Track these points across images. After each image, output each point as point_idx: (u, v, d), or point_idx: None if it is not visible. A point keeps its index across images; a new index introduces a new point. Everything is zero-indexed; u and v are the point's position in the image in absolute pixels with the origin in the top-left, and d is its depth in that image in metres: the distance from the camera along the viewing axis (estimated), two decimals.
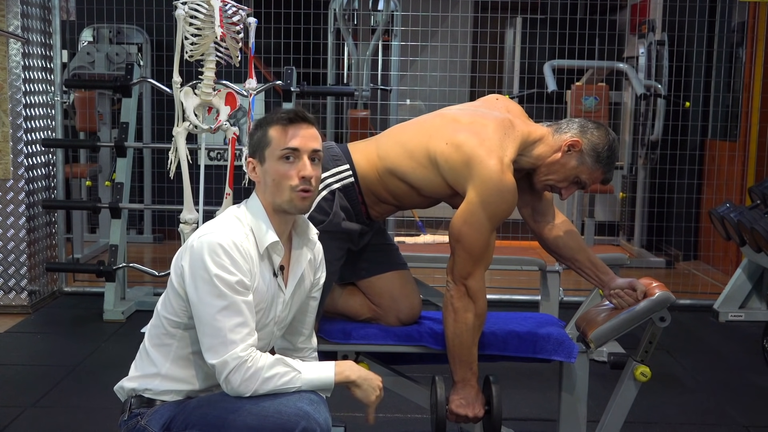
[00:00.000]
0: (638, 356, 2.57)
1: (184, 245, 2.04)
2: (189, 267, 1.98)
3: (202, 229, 2.05)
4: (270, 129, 2.05)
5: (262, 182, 2.07)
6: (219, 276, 1.95)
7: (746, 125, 5.90)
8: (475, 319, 2.43)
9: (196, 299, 1.97)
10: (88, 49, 6.31)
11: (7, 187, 4.75)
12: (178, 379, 2.07)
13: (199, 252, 1.97)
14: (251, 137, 2.09)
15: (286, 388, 1.98)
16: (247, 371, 1.94)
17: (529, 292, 5.28)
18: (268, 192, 2.06)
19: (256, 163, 2.08)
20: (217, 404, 2.01)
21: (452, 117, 2.51)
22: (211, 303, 1.95)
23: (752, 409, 3.66)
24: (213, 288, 1.95)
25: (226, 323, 1.95)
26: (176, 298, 2.04)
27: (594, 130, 2.50)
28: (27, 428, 3.29)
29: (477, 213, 2.37)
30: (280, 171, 2.04)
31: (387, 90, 6.08)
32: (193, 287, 1.97)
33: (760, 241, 4.33)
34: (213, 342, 1.96)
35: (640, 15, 7.26)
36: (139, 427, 2.03)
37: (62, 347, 4.32)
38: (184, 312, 2.03)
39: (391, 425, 3.32)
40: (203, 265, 1.96)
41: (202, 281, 1.96)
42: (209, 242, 1.97)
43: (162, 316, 2.08)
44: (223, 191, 4.01)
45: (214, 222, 2.06)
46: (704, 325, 4.86)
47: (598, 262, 2.67)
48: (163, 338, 2.07)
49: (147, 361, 2.10)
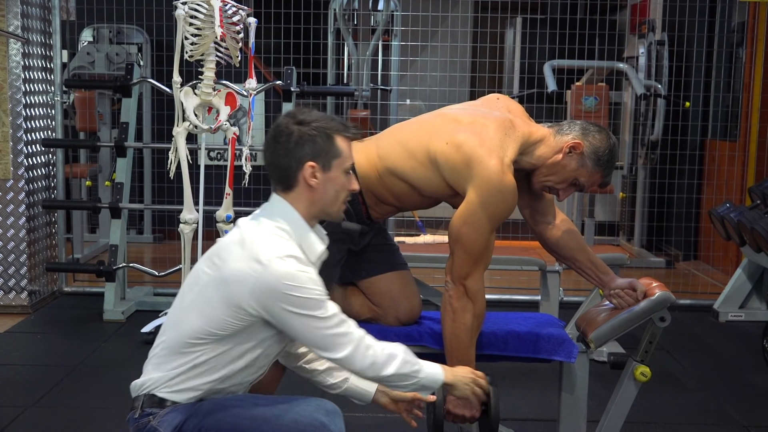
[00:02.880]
0: (638, 356, 2.57)
1: (235, 268, 1.94)
2: (269, 301, 1.92)
3: (256, 251, 1.94)
4: (337, 139, 2.03)
5: (321, 189, 2.02)
6: (306, 299, 1.93)
7: (746, 125, 5.90)
8: (473, 319, 2.43)
9: (293, 328, 1.96)
10: (88, 49, 6.31)
11: (7, 187, 4.76)
12: (195, 384, 2.02)
13: (275, 285, 1.91)
14: (312, 141, 2.00)
15: (412, 371, 2.04)
16: (366, 351, 1.99)
17: (529, 292, 5.28)
18: (322, 200, 2.04)
19: (318, 169, 2.01)
20: (231, 410, 1.99)
21: (453, 117, 2.51)
22: (311, 324, 1.95)
23: (752, 409, 3.66)
24: (308, 311, 1.93)
25: (332, 329, 1.96)
26: (233, 317, 1.96)
27: (596, 133, 2.51)
28: (27, 428, 3.29)
29: (477, 213, 2.37)
30: (343, 183, 2.05)
31: (387, 90, 6.09)
32: (285, 319, 1.95)
33: (760, 241, 4.33)
34: (325, 343, 1.97)
35: (640, 15, 7.25)
36: (150, 428, 2.00)
37: (62, 347, 4.32)
38: (232, 327, 1.97)
39: (391, 425, 3.32)
40: (287, 297, 1.91)
41: (295, 314, 1.93)
42: (281, 273, 1.91)
43: (198, 324, 1.99)
44: (223, 191, 4.02)
45: (265, 243, 1.96)
46: (704, 325, 4.86)
47: (598, 262, 2.67)
48: (190, 343, 2.00)
49: (165, 361, 2.03)
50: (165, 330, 2.08)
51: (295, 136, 2.00)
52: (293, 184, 2.02)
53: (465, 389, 2.17)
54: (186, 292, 2.06)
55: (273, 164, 2.04)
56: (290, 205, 2.03)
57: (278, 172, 2.03)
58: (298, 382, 2.38)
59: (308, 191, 2.02)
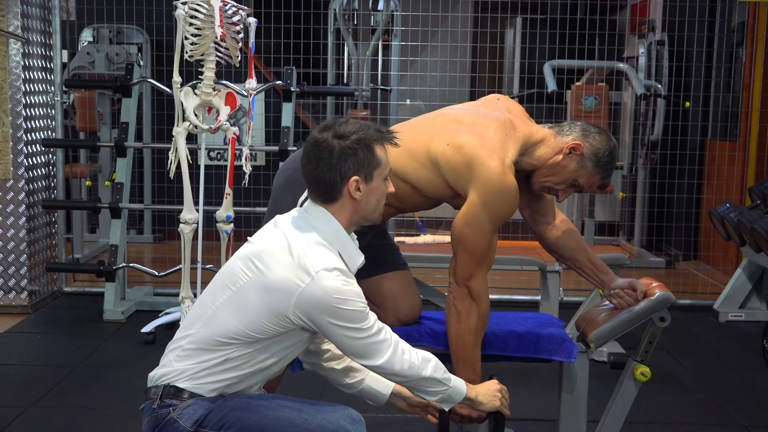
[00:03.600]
0: (638, 356, 2.57)
1: (282, 276, 1.96)
2: (315, 313, 1.95)
3: (304, 262, 1.96)
4: (376, 148, 2.04)
5: (364, 201, 2.04)
6: (351, 311, 1.96)
7: (746, 125, 5.90)
8: (478, 320, 2.43)
9: (334, 337, 2.00)
10: (88, 49, 6.31)
11: (7, 187, 4.76)
12: (220, 378, 2.02)
13: (323, 299, 1.94)
14: (354, 155, 2.00)
15: (444, 378, 2.13)
16: (402, 356, 2.04)
17: (529, 292, 5.28)
18: (365, 210, 2.06)
19: (362, 182, 2.03)
20: (256, 409, 2.00)
21: (453, 117, 2.51)
22: (353, 335, 1.98)
23: (752, 409, 3.66)
24: (351, 323, 1.97)
25: (372, 338, 2.00)
26: (274, 323, 1.98)
27: (596, 134, 2.51)
28: (27, 428, 3.29)
29: (478, 215, 2.37)
30: (383, 190, 2.08)
31: (387, 90, 6.09)
32: (327, 330, 1.98)
33: (760, 241, 4.33)
34: (364, 351, 2.02)
35: (640, 15, 7.25)
36: (169, 419, 1.99)
37: (62, 347, 4.32)
38: (270, 332, 1.99)
39: (391, 425, 3.32)
40: (334, 310, 1.95)
41: (338, 326, 1.96)
42: (329, 287, 1.94)
43: (234, 326, 1.99)
44: (223, 191, 4.02)
45: (313, 254, 1.97)
46: (704, 325, 4.86)
47: (598, 262, 2.67)
48: (222, 342, 2.00)
49: (192, 355, 2.02)
50: (193, 322, 2.06)
51: (336, 151, 2.00)
52: (336, 198, 2.04)
53: (493, 401, 2.27)
54: (220, 288, 2.05)
55: (316, 180, 2.04)
56: (332, 216, 2.05)
57: (321, 187, 2.04)
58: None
59: (351, 203, 2.05)
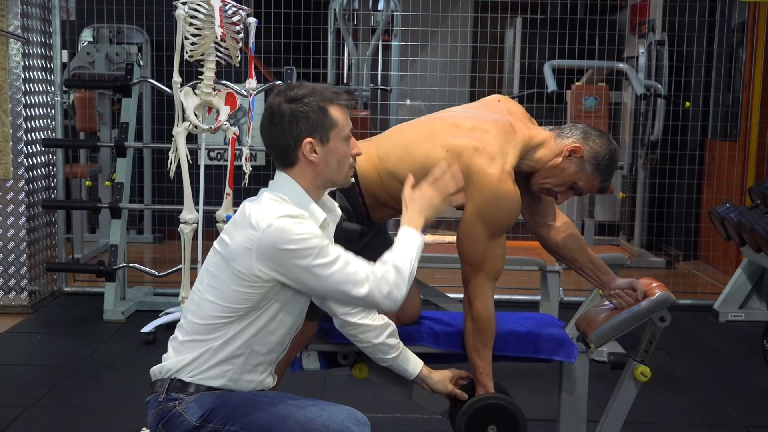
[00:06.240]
0: (638, 356, 2.57)
1: (238, 241, 1.97)
2: (275, 261, 1.94)
3: (252, 220, 1.96)
4: (331, 109, 2.02)
5: (322, 162, 2.03)
6: (305, 248, 1.93)
7: (746, 125, 5.90)
8: (471, 323, 2.46)
9: (307, 283, 1.97)
10: (88, 49, 6.31)
11: (7, 187, 4.76)
12: (222, 367, 2.02)
13: (273, 243, 1.92)
14: (305, 117, 1.99)
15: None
16: (384, 284, 2.02)
17: (529, 292, 5.28)
18: (326, 172, 2.04)
19: (316, 144, 2.01)
20: (262, 406, 1.99)
21: (453, 122, 2.50)
22: (320, 273, 1.95)
23: (752, 409, 3.66)
24: (312, 260, 1.93)
25: (341, 272, 1.96)
26: (247, 287, 1.97)
27: (596, 137, 2.50)
28: (27, 428, 3.29)
29: (473, 222, 2.38)
30: (344, 151, 2.05)
31: (387, 90, 6.09)
32: (297, 276, 1.95)
33: (760, 241, 4.33)
34: (341, 290, 1.98)
35: (640, 15, 7.26)
36: (175, 413, 1.99)
37: (62, 347, 4.32)
38: (250, 298, 1.98)
39: (391, 425, 3.32)
40: (287, 252, 1.92)
41: (302, 267, 1.94)
42: (275, 230, 1.93)
43: (218, 304, 2.00)
44: (223, 191, 4.02)
45: (261, 211, 1.98)
46: (704, 325, 4.86)
47: (598, 262, 2.67)
48: (213, 325, 2.01)
49: (189, 345, 2.03)
50: (185, 315, 2.09)
51: (287, 115, 2.00)
52: (294, 161, 2.03)
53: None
54: (203, 275, 2.08)
55: (271, 145, 2.05)
56: (293, 180, 2.05)
57: (278, 152, 2.04)
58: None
59: (310, 166, 2.03)
